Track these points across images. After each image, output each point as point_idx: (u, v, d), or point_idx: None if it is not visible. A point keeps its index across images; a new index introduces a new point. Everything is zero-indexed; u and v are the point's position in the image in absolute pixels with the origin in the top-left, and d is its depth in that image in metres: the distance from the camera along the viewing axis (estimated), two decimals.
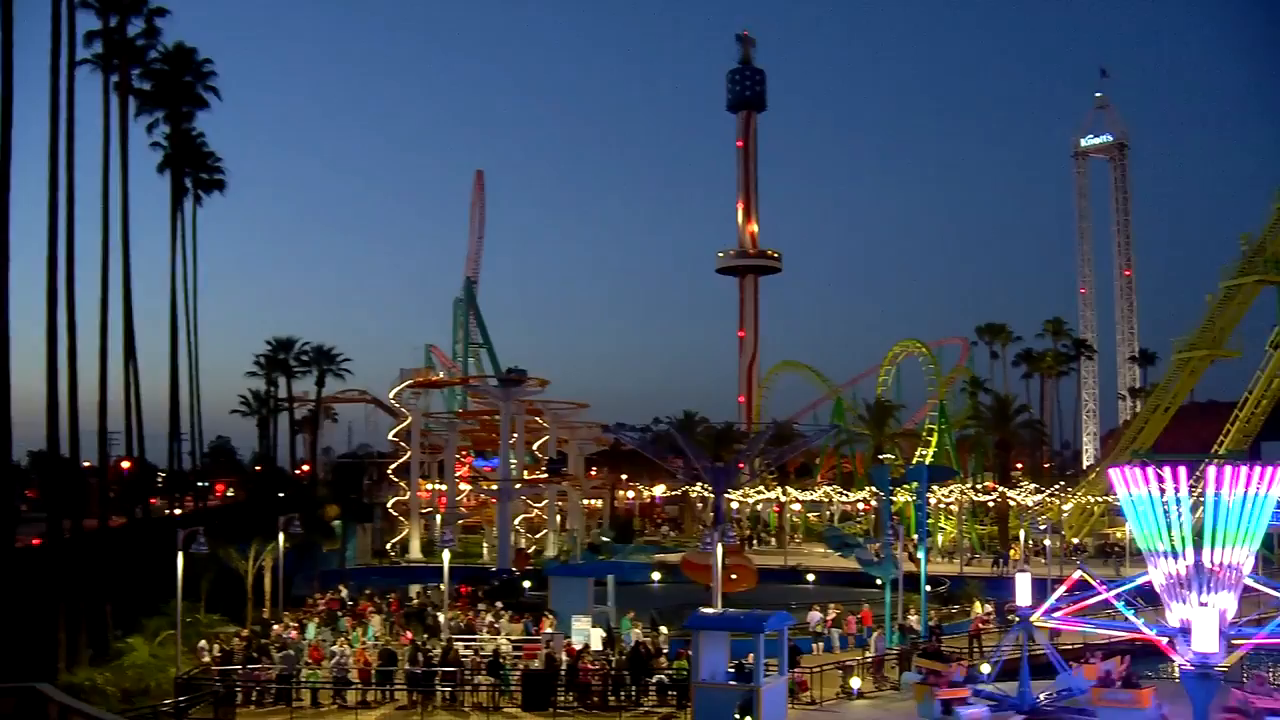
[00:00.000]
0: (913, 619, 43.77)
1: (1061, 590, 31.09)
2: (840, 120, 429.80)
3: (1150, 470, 29.54)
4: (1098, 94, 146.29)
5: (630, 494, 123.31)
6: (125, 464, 66.39)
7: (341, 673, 34.36)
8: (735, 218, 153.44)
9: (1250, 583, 29.16)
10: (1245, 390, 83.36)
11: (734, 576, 50.78)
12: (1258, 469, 28.50)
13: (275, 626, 41.24)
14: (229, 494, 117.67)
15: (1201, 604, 27.38)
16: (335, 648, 36.17)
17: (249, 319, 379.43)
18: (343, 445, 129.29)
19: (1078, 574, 30.92)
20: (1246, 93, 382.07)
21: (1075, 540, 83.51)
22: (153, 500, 76.54)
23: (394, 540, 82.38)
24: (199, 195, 67.91)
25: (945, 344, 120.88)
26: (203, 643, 36.85)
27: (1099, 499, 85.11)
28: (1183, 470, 29.04)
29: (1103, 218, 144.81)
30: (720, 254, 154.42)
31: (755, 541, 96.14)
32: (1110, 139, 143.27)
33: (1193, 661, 27.27)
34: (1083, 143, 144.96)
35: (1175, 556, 28.40)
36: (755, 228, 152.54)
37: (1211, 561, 27.96)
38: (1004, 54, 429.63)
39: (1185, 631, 28.18)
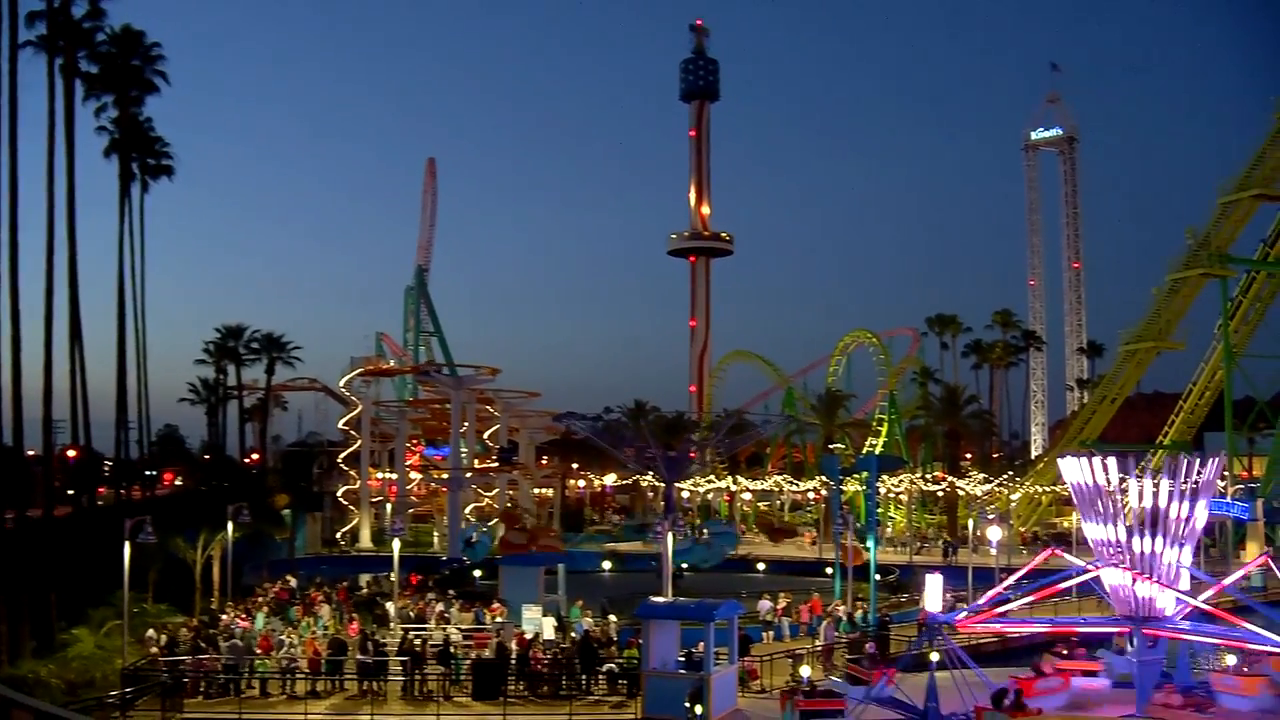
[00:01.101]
0: (841, 610, 43.87)
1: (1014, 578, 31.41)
2: (792, 111, 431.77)
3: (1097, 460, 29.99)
4: (1049, 88, 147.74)
5: (581, 483, 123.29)
6: (71, 453, 65.54)
7: (291, 663, 34.14)
8: (687, 206, 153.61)
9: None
10: (1189, 382, 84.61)
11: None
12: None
13: (223, 616, 40.92)
14: (177, 483, 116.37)
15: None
16: (284, 637, 35.97)
17: (198, 306, 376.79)
18: (292, 434, 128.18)
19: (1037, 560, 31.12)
20: (1194, 88, 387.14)
21: (1024, 529, 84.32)
22: (99, 489, 75.70)
23: (344, 529, 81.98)
24: (147, 181, 67.19)
25: (895, 334, 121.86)
26: (150, 632, 36.46)
27: (1047, 489, 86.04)
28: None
29: (1053, 210, 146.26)
30: (673, 235, 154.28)
31: (705, 531, 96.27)
32: (1060, 132, 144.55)
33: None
34: (1033, 136, 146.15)
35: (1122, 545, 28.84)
36: (707, 209, 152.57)
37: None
38: (957, 46, 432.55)
39: (1134, 619, 28.62)
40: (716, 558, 67.78)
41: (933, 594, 30.65)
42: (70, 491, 71.51)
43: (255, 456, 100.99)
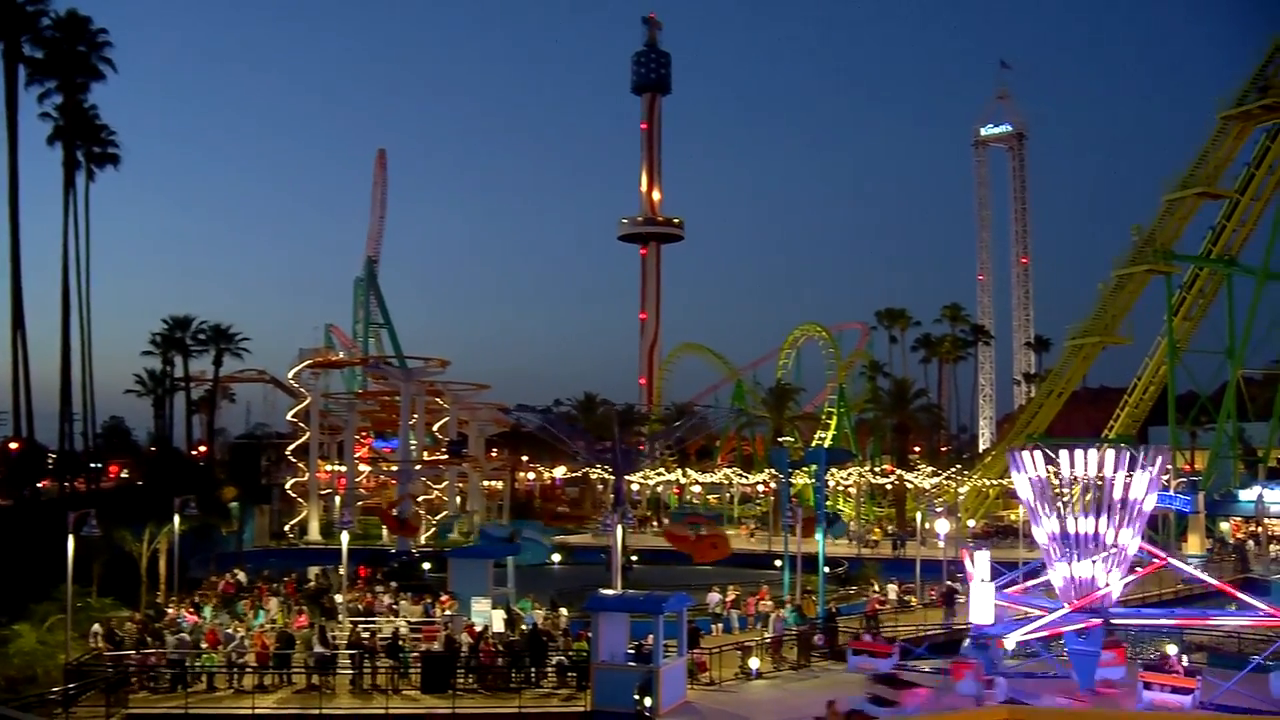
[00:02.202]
0: (782, 608, 44.06)
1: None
2: (744, 105, 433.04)
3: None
4: (998, 85, 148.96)
5: (530, 475, 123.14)
6: (13, 444, 64.79)
7: (239, 656, 33.87)
8: (638, 198, 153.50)
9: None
10: (1134, 377, 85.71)
11: (715, 547, 56.60)
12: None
13: (169, 610, 40.54)
14: (123, 475, 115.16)
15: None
16: (232, 631, 35.68)
17: (145, 297, 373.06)
18: (240, 426, 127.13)
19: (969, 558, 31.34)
20: (1142, 87, 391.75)
21: (972, 522, 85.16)
22: (43, 482, 74.82)
23: (292, 522, 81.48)
24: (92, 170, 66.44)
25: (845, 328, 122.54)
26: (96, 627, 36.06)
27: (994, 482, 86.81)
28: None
29: (1002, 206, 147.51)
30: (624, 220, 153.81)
31: (657, 524, 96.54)
32: (1009, 129, 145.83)
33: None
34: (983, 132, 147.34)
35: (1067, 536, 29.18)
36: (658, 195, 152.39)
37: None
38: (908, 42, 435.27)
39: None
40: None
41: (982, 605, 29.44)
42: (12, 484, 70.61)
43: (202, 449, 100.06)
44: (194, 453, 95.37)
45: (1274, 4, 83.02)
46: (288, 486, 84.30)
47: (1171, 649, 32.30)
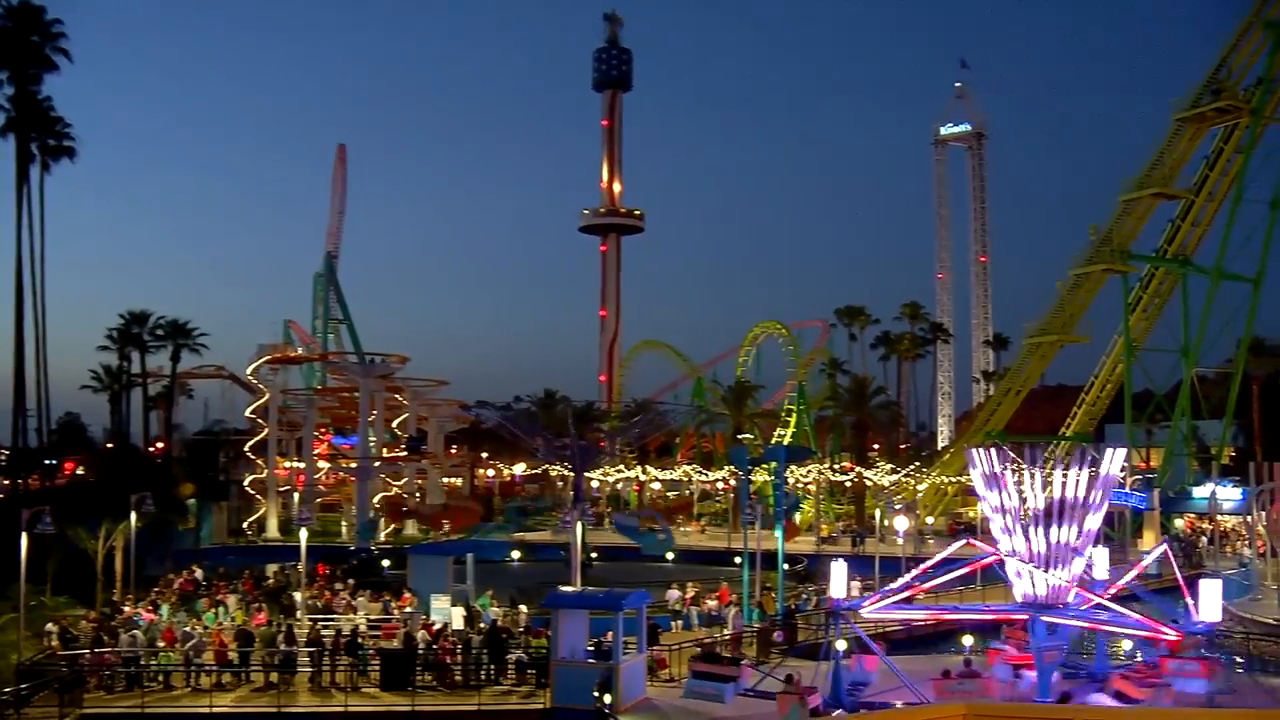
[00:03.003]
0: (717, 606, 44.25)
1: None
2: (706, 102, 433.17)
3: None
4: (957, 84, 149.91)
5: (490, 472, 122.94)
6: None
7: (197, 654, 33.63)
8: (599, 194, 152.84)
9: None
10: (1092, 375, 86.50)
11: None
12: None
13: (125, 608, 40.23)
14: (79, 472, 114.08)
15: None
16: (190, 629, 35.42)
17: (101, 291, 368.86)
18: (198, 422, 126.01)
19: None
20: (1101, 87, 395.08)
21: (930, 519, 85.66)
22: None
23: (251, 519, 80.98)
24: (47, 162, 65.74)
25: (805, 326, 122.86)
26: (50, 626, 35.70)
27: (953, 479, 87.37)
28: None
29: (961, 205, 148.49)
30: (585, 211, 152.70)
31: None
32: (969, 128, 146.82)
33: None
34: (942, 131, 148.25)
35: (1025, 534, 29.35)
36: (619, 187, 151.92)
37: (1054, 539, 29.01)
38: (869, 40, 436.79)
39: (1035, 606, 29.15)
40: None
41: (838, 581, 30.58)
42: None
43: (160, 445, 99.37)
44: (151, 449, 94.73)
45: (1230, 4, 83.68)
46: (246, 483, 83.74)
47: (1127, 645, 32.60)
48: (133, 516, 43.32)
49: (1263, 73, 77.33)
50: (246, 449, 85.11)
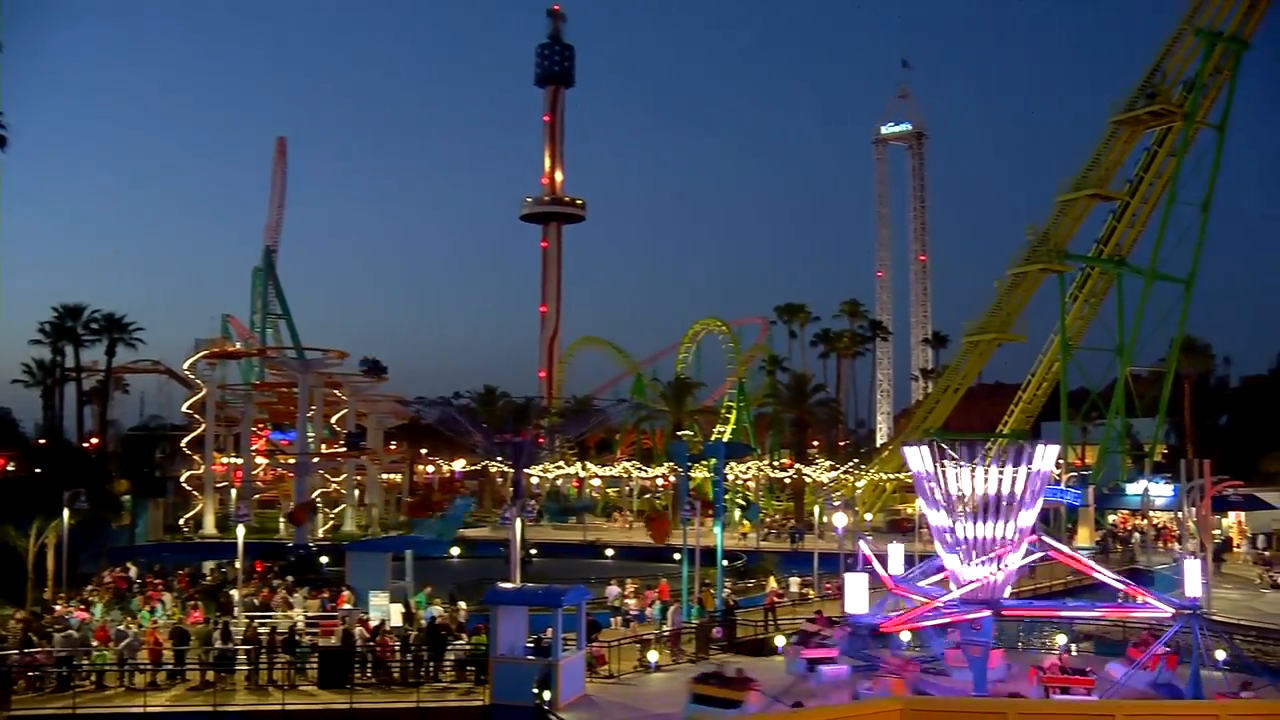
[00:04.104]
0: (637, 605, 44.48)
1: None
2: (648, 99, 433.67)
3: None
4: (900, 85, 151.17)
5: (430, 468, 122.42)
6: None
7: (131, 654, 33.22)
8: (540, 188, 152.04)
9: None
10: (1028, 373, 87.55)
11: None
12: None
13: (57, 607, 39.69)
14: (9, 468, 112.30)
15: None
16: (124, 628, 34.97)
17: (35, 285, 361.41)
18: (134, 417, 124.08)
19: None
20: (1039, 88, 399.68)
21: (869, 515, 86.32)
22: None
23: (188, 515, 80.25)
24: None
25: (745, 323, 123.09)
26: None
27: (891, 476, 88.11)
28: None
29: (901, 203, 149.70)
30: (527, 199, 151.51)
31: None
32: (909, 128, 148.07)
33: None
34: (883, 130, 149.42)
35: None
36: (561, 176, 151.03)
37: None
38: (812, 39, 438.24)
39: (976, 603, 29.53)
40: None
41: (856, 594, 29.61)
42: None
43: (94, 441, 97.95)
44: (85, 445, 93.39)
45: (1166, 9, 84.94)
46: (183, 479, 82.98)
47: (1061, 639, 32.99)
48: (65, 513, 42.82)
49: (1194, 78, 78.42)
50: (183, 445, 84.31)
